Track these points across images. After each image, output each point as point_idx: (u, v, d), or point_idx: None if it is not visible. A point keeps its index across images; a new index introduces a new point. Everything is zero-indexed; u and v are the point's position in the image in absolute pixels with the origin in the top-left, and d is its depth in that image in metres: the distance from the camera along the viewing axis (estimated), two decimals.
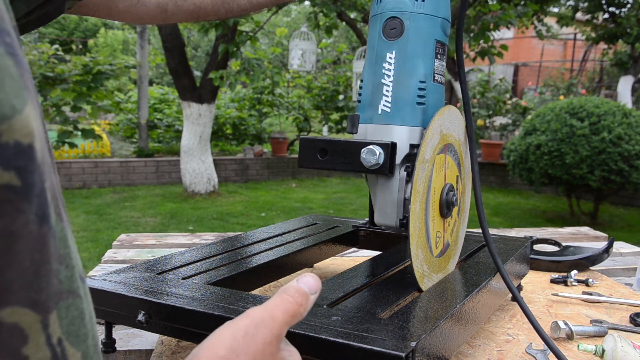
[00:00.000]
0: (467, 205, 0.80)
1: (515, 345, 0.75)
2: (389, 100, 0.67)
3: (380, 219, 0.70)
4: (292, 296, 0.40)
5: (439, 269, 0.72)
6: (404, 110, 0.66)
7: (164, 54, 6.20)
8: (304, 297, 0.41)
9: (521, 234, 1.41)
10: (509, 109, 8.13)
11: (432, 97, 0.68)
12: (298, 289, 0.41)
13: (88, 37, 18.00)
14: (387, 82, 0.67)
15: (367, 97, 0.69)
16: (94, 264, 3.69)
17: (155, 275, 0.71)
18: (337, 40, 11.67)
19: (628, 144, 4.63)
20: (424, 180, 0.65)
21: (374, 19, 0.69)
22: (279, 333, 0.39)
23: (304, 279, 0.42)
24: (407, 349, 0.49)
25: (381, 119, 0.67)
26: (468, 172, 0.78)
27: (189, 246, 1.26)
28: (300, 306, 0.40)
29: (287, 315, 0.39)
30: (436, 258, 0.71)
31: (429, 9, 0.67)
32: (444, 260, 0.74)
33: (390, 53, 0.67)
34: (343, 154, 0.67)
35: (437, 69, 0.68)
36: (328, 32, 5.80)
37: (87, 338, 0.33)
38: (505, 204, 6.36)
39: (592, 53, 11.78)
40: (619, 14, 8.93)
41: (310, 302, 0.41)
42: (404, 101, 0.66)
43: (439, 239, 0.71)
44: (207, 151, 6.32)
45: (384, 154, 0.64)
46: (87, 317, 0.34)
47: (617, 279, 1.10)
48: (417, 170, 0.63)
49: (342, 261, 1.14)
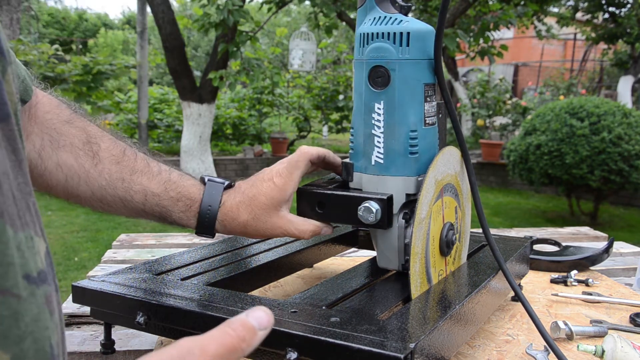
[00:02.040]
0: (467, 227, 0.80)
1: (515, 345, 0.75)
2: (381, 151, 0.67)
3: (383, 263, 0.71)
4: (234, 330, 0.36)
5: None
6: (397, 161, 0.66)
7: (164, 54, 6.20)
8: (249, 332, 0.37)
9: (521, 234, 1.41)
10: (509, 109, 8.12)
11: (424, 142, 0.67)
12: (244, 323, 0.37)
13: (88, 37, 18.01)
14: (377, 133, 0.66)
15: (360, 146, 0.69)
16: (94, 264, 3.68)
17: (154, 277, 0.71)
18: (337, 40, 11.68)
19: (628, 144, 4.63)
20: (422, 238, 0.65)
21: (359, 64, 0.68)
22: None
23: (254, 312, 0.38)
24: (406, 350, 0.49)
25: (375, 169, 0.67)
26: (466, 192, 0.77)
27: (189, 246, 1.26)
28: (242, 341, 0.36)
29: (223, 349, 0.35)
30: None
31: (414, 53, 0.64)
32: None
33: (379, 103, 0.66)
34: (341, 208, 0.68)
35: (428, 112, 0.68)
36: (328, 32, 5.79)
37: (21, 341, 0.31)
38: (505, 204, 6.36)
39: (592, 53, 11.78)
40: (619, 14, 8.93)
41: (258, 338, 0.37)
42: (395, 152, 0.66)
43: (441, 275, 0.72)
44: (207, 151, 6.32)
45: (381, 210, 0.64)
46: (26, 319, 0.33)
47: (617, 279, 1.10)
48: (414, 231, 0.63)
49: (342, 261, 1.14)
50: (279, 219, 0.69)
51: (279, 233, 0.70)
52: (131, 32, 18.08)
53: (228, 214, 0.70)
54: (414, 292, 0.64)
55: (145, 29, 7.40)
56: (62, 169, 0.68)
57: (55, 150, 0.68)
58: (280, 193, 0.69)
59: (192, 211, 0.71)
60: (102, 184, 0.69)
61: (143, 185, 0.70)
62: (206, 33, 5.67)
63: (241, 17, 4.92)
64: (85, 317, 0.84)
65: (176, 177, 0.72)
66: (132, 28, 18.80)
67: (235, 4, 4.87)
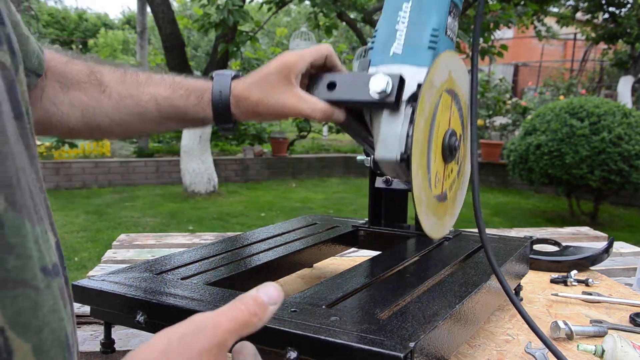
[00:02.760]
0: (467, 172, 0.80)
1: (515, 345, 0.75)
2: (401, 43, 0.68)
3: (381, 152, 0.68)
4: (245, 304, 0.38)
5: (434, 210, 0.70)
6: (415, 52, 0.67)
7: (164, 54, 6.20)
8: (260, 307, 0.38)
9: (521, 234, 1.41)
10: (509, 109, 8.12)
11: (443, 48, 0.69)
12: (255, 298, 0.38)
13: (88, 37, 18.00)
14: (400, 28, 0.68)
15: (380, 44, 0.69)
16: (94, 264, 3.68)
17: (154, 276, 0.71)
18: (337, 40, 11.67)
19: (628, 144, 4.62)
20: (430, 104, 0.65)
21: None
22: (221, 342, 0.36)
23: (264, 288, 0.39)
24: (405, 349, 0.49)
25: (392, 60, 0.68)
26: (468, 150, 0.78)
27: (189, 246, 1.26)
28: (253, 316, 0.37)
29: (236, 323, 0.37)
30: (434, 197, 0.70)
31: None
32: (440, 208, 0.72)
33: (407, 3, 0.68)
34: (351, 85, 0.68)
35: (450, 26, 0.69)
36: (328, 32, 5.79)
37: (40, 331, 0.32)
38: (505, 204, 6.36)
39: (592, 53, 11.78)
40: (619, 14, 8.93)
41: (269, 313, 0.38)
42: (415, 44, 0.67)
43: (438, 180, 0.70)
44: (207, 151, 6.32)
45: (392, 84, 0.65)
46: (43, 310, 0.33)
47: (617, 279, 1.10)
48: (423, 93, 0.63)
49: (342, 261, 1.14)
50: (291, 96, 0.69)
51: (291, 110, 0.69)
52: (131, 32, 18.07)
53: (240, 95, 0.70)
54: (415, 190, 0.64)
55: (145, 29, 7.40)
56: (76, 107, 0.71)
57: (65, 92, 0.71)
58: (291, 68, 0.69)
59: (205, 101, 0.72)
60: (114, 106, 0.71)
61: (151, 93, 0.72)
62: (206, 33, 5.67)
63: (241, 17, 4.92)
64: (85, 317, 0.84)
65: (181, 78, 0.74)
66: (132, 28, 18.79)
67: (235, 4, 4.87)
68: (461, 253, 0.85)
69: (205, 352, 0.35)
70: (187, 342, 0.35)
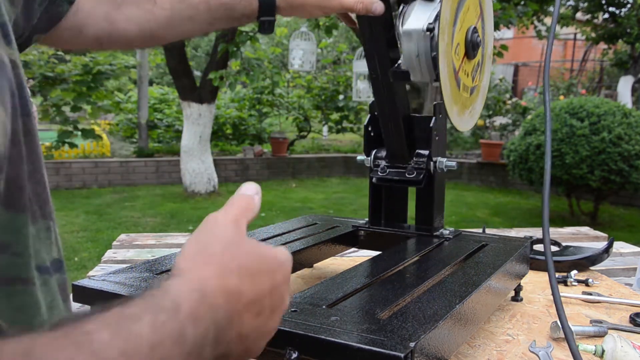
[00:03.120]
0: (485, 83, 0.92)
1: (515, 345, 0.75)
2: None
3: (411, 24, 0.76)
4: (237, 199, 0.45)
5: (457, 100, 0.81)
6: None
7: (164, 54, 6.20)
8: (248, 197, 0.45)
9: (521, 234, 1.41)
10: (509, 109, 8.12)
11: None
12: (240, 195, 0.46)
13: None
14: None
15: None
16: (94, 264, 3.68)
17: (154, 276, 0.71)
18: (337, 40, 11.66)
19: (628, 144, 4.62)
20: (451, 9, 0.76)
21: None
22: (234, 219, 0.43)
23: (241, 188, 0.46)
24: (406, 349, 0.49)
25: None
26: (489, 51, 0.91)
27: None
28: (248, 203, 0.45)
29: (238, 208, 0.44)
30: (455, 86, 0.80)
31: None
32: (461, 98, 0.83)
33: None
34: None
35: None
36: (328, 32, 5.79)
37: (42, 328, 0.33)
38: (505, 204, 6.36)
39: (592, 53, 11.78)
40: (619, 14, 8.92)
41: (257, 200, 0.46)
42: None
43: (464, 75, 0.81)
44: (207, 151, 6.32)
45: None
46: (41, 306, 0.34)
47: (617, 279, 1.10)
48: None
49: (342, 261, 1.14)
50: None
51: (336, 2, 0.76)
52: None
53: None
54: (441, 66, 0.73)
55: None
56: (132, 21, 0.75)
57: (117, 10, 0.74)
58: None
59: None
60: (167, 14, 0.75)
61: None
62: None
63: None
64: None
65: None
66: None
67: None
68: (461, 253, 0.85)
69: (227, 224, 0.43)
70: (213, 221, 0.43)
